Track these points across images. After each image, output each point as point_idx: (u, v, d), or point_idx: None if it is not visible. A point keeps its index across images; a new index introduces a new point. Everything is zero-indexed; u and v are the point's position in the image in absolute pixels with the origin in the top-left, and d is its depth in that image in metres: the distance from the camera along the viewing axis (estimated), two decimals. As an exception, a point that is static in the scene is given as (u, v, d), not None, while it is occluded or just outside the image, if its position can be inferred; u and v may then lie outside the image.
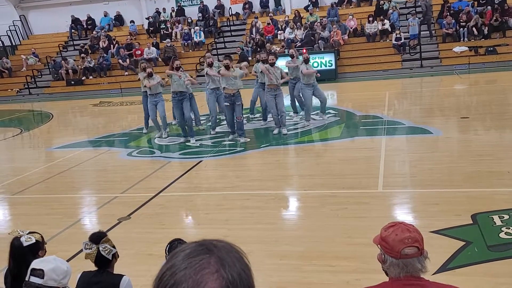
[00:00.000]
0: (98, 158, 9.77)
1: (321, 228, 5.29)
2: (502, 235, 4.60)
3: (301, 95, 10.77)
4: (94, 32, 23.70)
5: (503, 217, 4.97)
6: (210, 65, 10.43)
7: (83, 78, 21.80)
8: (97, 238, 2.95)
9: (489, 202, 5.40)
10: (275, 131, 9.98)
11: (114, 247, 2.98)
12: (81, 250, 2.99)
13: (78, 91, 21.39)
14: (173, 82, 9.85)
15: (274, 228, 5.48)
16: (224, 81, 9.42)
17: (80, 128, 14.38)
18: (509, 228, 4.71)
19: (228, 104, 9.49)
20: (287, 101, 11.22)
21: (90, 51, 22.71)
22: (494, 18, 18.09)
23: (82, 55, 22.07)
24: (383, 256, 1.88)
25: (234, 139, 9.67)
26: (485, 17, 18.58)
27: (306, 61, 10.43)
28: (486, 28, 18.15)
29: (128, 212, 6.29)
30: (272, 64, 9.80)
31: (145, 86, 10.51)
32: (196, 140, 9.98)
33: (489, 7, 18.64)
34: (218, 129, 10.84)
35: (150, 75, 10.43)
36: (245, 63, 11.65)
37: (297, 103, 11.42)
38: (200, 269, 0.89)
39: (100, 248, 2.90)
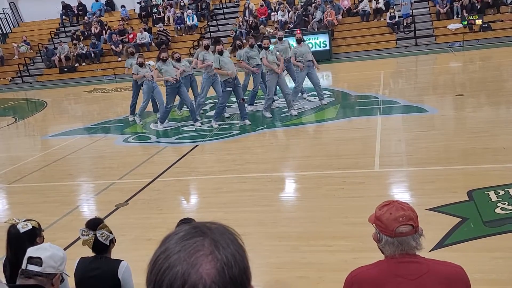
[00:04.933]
0: (94, 145, 9.74)
1: (318, 208, 5.31)
2: (498, 210, 4.64)
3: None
4: (85, 18, 23.44)
5: (499, 192, 5.00)
6: (207, 48, 10.20)
7: (76, 65, 21.62)
8: (94, 224, 2.96)
9: (484, 179, 5.43)
10: (268, 114, 9.91)
11: (111, 232, 2.99)
12: (79, 237, 2.99)
13: (72, 78, 21.24)
14: (164, 72, 9.69)
15: (272, 210, 5.50)
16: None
17: (75, 115, 14.31)
18: (505, 203, 4.75)
19: (230, 89, 9.41)
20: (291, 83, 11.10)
21: (82, 38, 22.49)
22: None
23: (74, 41, 21.86)
24: (378, 235, 1.89)
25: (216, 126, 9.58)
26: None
27: (299, 41, 10.37)
28: (479, 4, 18.04)
29: (125, 198, 6.30)
30: (267, 48, 9.72)
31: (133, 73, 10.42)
32: (201, 123, 9.96)
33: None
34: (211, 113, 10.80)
35: (141, 65, 10.28)
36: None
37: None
38: (194, 252, 0.88)
39: (98, 234, 2.90)
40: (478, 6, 18.02)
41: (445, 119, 8.47)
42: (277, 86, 9.89)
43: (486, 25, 17.46)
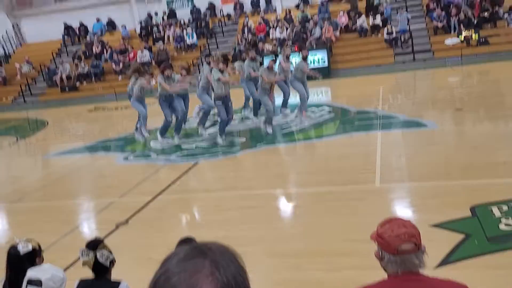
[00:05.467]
0: (95, 163, 9.74)
1: (319, 225, 5.28)
2: (501, 226, 4.60)
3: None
4: (87, 38, 23.67)
5: (502, 208, 4.96)
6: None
7: (77, 84, 21.74)
8: (94, 244, 2.94)
9: (487, 194, 5.40)
10: (270, 130, 9.93)
11: (111, 252, 2.97)
12: (79, 258, 2.97)
13: (73, 97, 21.33)
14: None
15: (272, 227, 5.47)
16: (218, 87, 9.34)
17: (76, 134, 14.34)
18: (509, 219, 4.71)
19: (220, 102, 9.45)
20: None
21: (83, 57, 22.66)
22: (484, 8, 18.12)
23: (76, 61, 22.03)
24: (380, 252, 1.87)
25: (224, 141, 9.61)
26: (474, 8, 18.62)
27: (304, 58, 10.64)
28: (476, 19, 18.20)
29: (126, 217, 6.26)
30: (270, 67, 9.82)
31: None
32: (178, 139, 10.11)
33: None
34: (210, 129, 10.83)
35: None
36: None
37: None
38: (195, 273, 0.88)
39: (98, 255, 2.88)
40: (475, 21, 18.17)
41: (445, 134, 8.48)
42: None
43: (483, 39, 17.58)
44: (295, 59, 12.37)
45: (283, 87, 10.96)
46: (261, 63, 11.51)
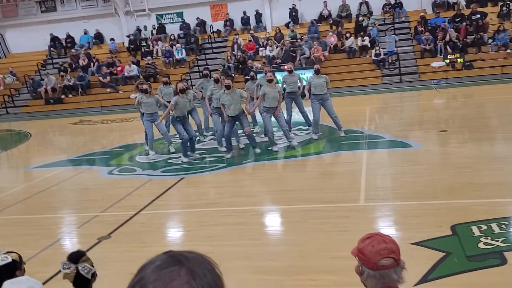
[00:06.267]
0: (78, 177, 9.63)
1: (304, 242, 5.27)
2: (480, 245, 4.65)
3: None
4: (73, 50, 23.56)
5: (482, 227, 5.03)
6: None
7: (63, 96, 21.59)
8: (76, 257, 2.88)
9: (468, 213, 5.47)
10: (275, 148, 9.75)
11: (93, 266, 2.92)
12: (60, 271, 2.91)
13: (58, 109, 21.15)
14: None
15: (257, 243, 5.44)
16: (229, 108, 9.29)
17: (60, 147, 14.19)
18: (488, 238, 4.77)
19: (231, 118, 9.37)
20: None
21: (69, 70, 22.55)
22: (469, 33, 18.55)
23: (61, 73, 21.90)
24: (360, 268, 1.88)
25: (233, 155, 9.61)
26: (460, 33, 19.03)
27: (317, 71, 10.70)
28: (461, 43, 18.59)
29: (108, 231, 6.19)
30: (270, 81, 9.68)
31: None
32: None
33: (464, 23, 19.11)
34: (199, 146, 10.81)
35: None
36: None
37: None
38: (170, 281, 0.87)
39: (79, 268, 2.83)
40: (460, 45, 18.56)
41: (430, 155, 8.57)
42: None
43: (468, 63, 17.95)
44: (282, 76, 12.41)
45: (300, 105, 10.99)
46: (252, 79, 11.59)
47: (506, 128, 10.08)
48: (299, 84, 11.04)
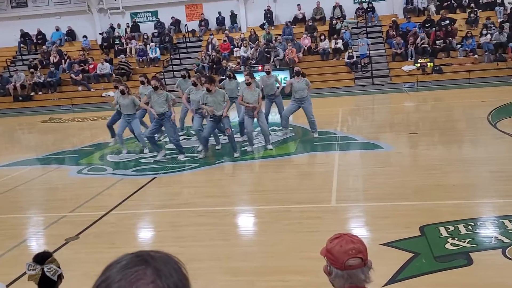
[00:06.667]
0: (47, 176, 9.42)
1: (275, 243, 5.29)
2: (448, 246, 4.75)
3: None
4: (44, 47, 23.05)
5: (449, 228, 5.14)
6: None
7: (32, 94, 21.09)
8: (42, 258, 2.81)
9: (436, 214, 5.58)
10: (249, 149, 9.73)
11: (59, 267, 2.85)
12: (25, 272, 2.84)
13: (27, 107, 20.65)
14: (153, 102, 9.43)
15: (228, 244, 5.43)
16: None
17: (28, 145, 13.85)
18: (455, 239, 4.88)
19: (213, 119, 9.26)
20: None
21: (40, 66, 22.04)
22: (438, 38, 19.03)
23: (31, 70, 21.39)
24: (328, 267, 1.89)
25: (206, 155, 9.51)
26: (430, 38, 19.48)
27: (298, 73, 11.08)
28: (431, 48, 19.03)
29: (77, 231, 6.06)
30: (248, 84, 9.63)
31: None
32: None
33: (433, 29, 19.57)
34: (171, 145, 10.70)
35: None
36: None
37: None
38: (135, 280, 0.86)
39: (45, 269, 2.76)
40: (430, 50, 18.99)
41: (400, 156, 8.73)
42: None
43: (437, 68, 18.38)
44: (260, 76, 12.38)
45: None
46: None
47: (473, 131, 10.37)
48: (277, 85, 11.15)
